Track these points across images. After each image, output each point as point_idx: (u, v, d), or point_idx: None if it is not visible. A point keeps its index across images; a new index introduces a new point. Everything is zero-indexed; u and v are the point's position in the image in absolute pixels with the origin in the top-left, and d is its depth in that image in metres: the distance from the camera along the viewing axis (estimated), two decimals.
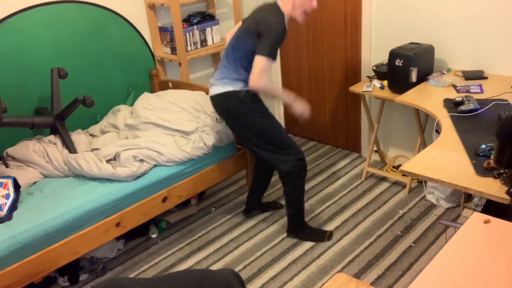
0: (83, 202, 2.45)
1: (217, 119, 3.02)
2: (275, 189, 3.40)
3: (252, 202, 3.10)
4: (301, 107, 2.62)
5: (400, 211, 3.05)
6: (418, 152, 3.09)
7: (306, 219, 3.05)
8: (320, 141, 4.06)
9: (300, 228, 2.86)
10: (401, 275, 2.53)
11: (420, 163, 1.96)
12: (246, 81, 2.51)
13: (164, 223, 3.08)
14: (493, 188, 1.73)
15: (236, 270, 2.68)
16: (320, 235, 2.85)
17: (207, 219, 3.16)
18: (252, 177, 3.01)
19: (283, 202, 3.23)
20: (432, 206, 3.06)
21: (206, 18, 3.74)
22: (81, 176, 2.68)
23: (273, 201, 3.21)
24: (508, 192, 1.66)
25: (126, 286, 1.31)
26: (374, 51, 3.35)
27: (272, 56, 2.37)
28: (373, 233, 2.87)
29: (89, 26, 3.19)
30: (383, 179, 3.43)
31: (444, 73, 2.94)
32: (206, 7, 3.90)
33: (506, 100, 2.44)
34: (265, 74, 2.38)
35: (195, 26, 3.62)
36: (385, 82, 3.03)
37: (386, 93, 2.99)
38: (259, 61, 2.37)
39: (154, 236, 3.02)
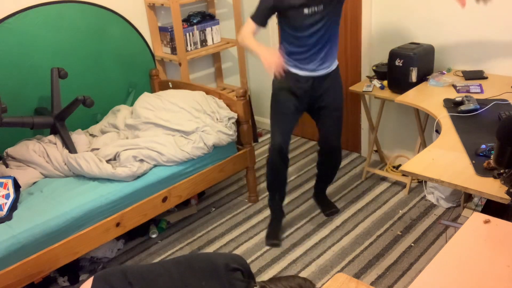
0: (83, 202, 2.45)
1: (217, 119, 3.03)
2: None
3: (316, 187, 3.15)
4: (266, 61, 2.30)
5: (400, 211, 3.05)
6: (418, 152, 3.09)
7: (307, 219, 3.06)
8: None
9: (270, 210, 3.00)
10: (401, 275, 2.53)
11: (420, 163, 1.96)
12: (285, 54, 2.61)
13: (164, 223, 3.08)
14: (493, 188, 1.73)
15: None
16: (270, 232, 2.93)
17: (207, 219, 3.16)
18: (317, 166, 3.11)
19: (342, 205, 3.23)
20: (432, 206, 3.06)
21: (206, 18, 3.74)
22: (81, 176, 2.68)
23: (331, 203, 3.15)
24: (508, 192, 1.66)
25: (126, 271, 1.48)
26: (374, 51, 3.35)
27: (252, 18, 2.51)
28: (373, 233, 2.87)
29: (89, 26, 3.19)
30: (383, 179, 3.43)
31: (444, 73, 2.94)
32: (206, 7, 3.90)
33: (506, 100, 2.44)
34: (243, 30, 2.53)
35: (195, 26, 3.62)
36: (385, 82, 3.03)
37: (386, 93, 2.99)
38: None
39: (154, 236, 3.02)
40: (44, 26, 2.98)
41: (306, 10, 2.43)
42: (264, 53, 2.34)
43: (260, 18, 2.50)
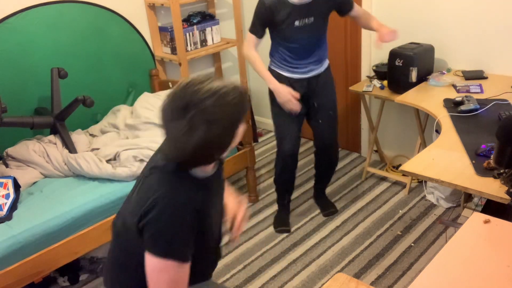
0: (83, 202, 2.45)
1: None
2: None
3: (315, 188, 3.20)
4: (280, 97, 2.60)
5: (400, 211, 3.05)
6: (418, 152, 3.09)
7: (307, 219, 3.06)
8: None
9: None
10: (401, 275, 2.53)
11: (420, 163, 1.96)
12: (274, 59, 2.69)
13: None
14: (493, 188, 1.73)
15: (236, 270, 2.68)
16: (278, 220, 3.05)
17: None
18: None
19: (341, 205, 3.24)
20: (432, 206, 3.06)
21: (206, 18, 3.74)
22: (81, 176, 2.68)
23: (331, 203, 3.17)
24: (508, 192, 1.66)
25: None
26: (374, 51, 3.35)
27: (251, 31, 2.60)
28: (373, 233, 2.87)
29: (89, 26, 3.19)
30: (383, 179, 3.43)
31: (444, 73, 2.94)
32: (206, 7, 3.90)
33: (506, 100, 2.44)
34: (246, 47, 2.63)
35: (195, 26, 3.61)
36: (385, 82, 3.03)
37: (386, 93, 2.99)
38: None
39: None
40: (44, 26, 2.98)
41: (297, 23, 2.50)
42: (278, 89, 2.58)
43: (259, 31, 2.59)
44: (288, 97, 2.56)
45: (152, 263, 1.28)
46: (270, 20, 2.51)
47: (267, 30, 2.62)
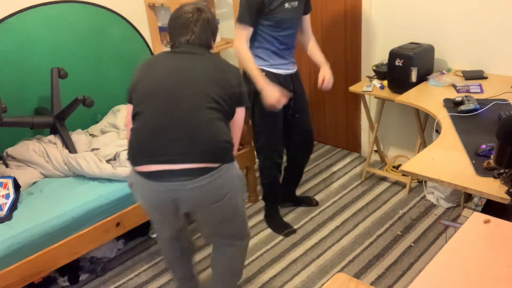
0: (83, 202, 2.45)
1: None
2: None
3: (285, 193, 3.16)
4: (271, 98, 2.45)
5: (400, 211, 3.05)
6: (418, 152, 3.09)
7: (307, 219, 3.06)
8: (320, 141, 4.06)
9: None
10: (401, 275, 2.53)
11: (420, 163, 1.96)
12: (261, 56, 2.60)
13: None
14: (493, 188, 1.73)
15: None
16: (281, 223, 3.01)
17: None
18: (284, 169, 3.08)
19: (317, 198, 3.24)
20: (432, 206, 3.06)
21: None
22: (81, 176, 2.68)
23: (308, 196, 3.24)
24: (508, 192, 1.66)
25: None
26: (374, 51, 3.35)
27: (244, 22, 2.47)
28: (373, 233, 2.87)
29: (89, 26, 3.19)
30: (383, 179, 3.43)
31: (444, 73, 2.94)
32: None
33: (506, 100, 2.44)
34: (238, 43, 2.52)
35: None
36: (385, 82, 3.03)
37: (386, 93, 2.99)
38: (235, 28, 2.54)
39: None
40: (44, 26, 2.98)
41: (287, 5, 2.49)
42: (268, 89, 2.45)
43: (252, 19, 2.47)
44: (278, 98, 2.44)
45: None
46: (263, 3, 2.42)
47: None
